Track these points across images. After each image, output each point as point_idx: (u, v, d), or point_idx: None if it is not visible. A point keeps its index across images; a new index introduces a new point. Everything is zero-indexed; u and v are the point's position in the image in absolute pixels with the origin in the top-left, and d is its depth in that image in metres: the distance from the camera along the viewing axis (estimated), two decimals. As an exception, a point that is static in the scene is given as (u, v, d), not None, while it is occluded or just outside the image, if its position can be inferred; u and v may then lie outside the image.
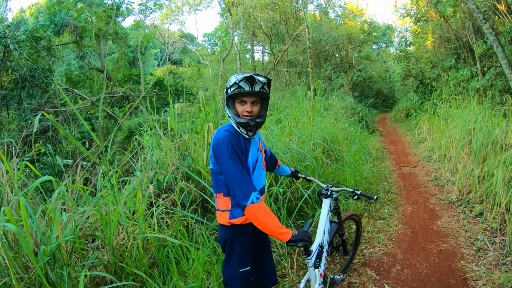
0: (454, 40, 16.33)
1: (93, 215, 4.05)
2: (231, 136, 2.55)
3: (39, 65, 11.86)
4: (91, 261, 3.54)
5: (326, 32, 24.55)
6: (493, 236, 5.04)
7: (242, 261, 2.73)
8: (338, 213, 3.73)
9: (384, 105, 31.81)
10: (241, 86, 2.48)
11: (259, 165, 2.77)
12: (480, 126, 7.40)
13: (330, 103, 13.75)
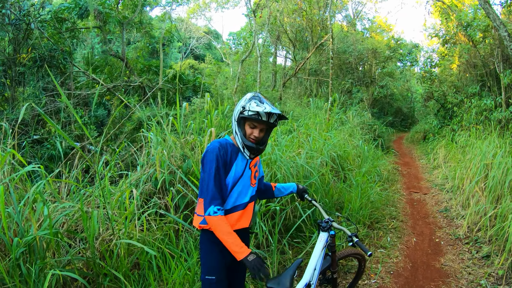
0: (480, 66, 15.90)
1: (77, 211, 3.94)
2: (220, 148, 2.72)
3: (59, 46, 11.84)
4: (68, 258, 3.39)
5: (352, 44, 24.28)
6: (497, 284, 4.73)
7: (208, 268, 2.83)
8: (333, 251, 3.50)
9: (403, 124, 31.45)
10: (260, 115, 2.65)
11: (244, 181, 2.87)
12: (499, 162, 7.07)
13: (347, 117, 13.48)
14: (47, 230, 3.24)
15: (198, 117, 6.12)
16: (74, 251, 3.63)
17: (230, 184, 2.77)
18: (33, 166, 3.88)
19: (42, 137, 9.97)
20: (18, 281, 2.97)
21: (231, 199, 2.80)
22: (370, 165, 9.20)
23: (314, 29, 22.86)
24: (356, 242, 3.02)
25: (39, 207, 3.48)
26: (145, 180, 4.93)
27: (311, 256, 3.19)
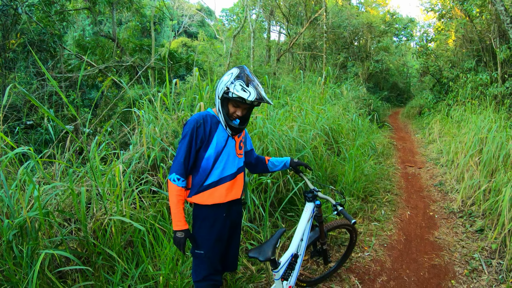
0: (477, 41, 15.76)
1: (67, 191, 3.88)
2: (199, 121, 2.75)
3: (49, 30, 11.63)
4: (60, 238, 3.34)
5: (346, 18, 23.96)
6: (491, 257, 4.72)
7: (197, 242, 2.85)
8: (320, 221, 3.44)
9: (398, 100, 31.43)
10: (244, 99, 2.60)
11: (228, 151, 2.87)
12: (494, 136, 7.02)
13: (341, 91, 13.36)
14: (37, 211, 3.19)
15: (189, 93, 6.01)
16: (66, 231, 3.61)
17: (213, 155, 2.79)
18: (21, 148, 3.79)
19: (35, 123, 9.88)
20: (11, 263, 2.94)
21: (217, 170, 2.81)
22: (364, 139, 9.14)
23: (308, 3, 22.52)
24: (341, 210, 2.99)
25: (30, 188, 3.41)
26: (137, 158, 4.85)
27: (297, 227, 3.20)
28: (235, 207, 3.00)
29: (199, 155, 2.78)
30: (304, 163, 3.45)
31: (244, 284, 3.87)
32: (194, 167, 2.82)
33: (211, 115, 2.85)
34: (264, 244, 2.71)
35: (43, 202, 3.47)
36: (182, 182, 2.69)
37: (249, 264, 4.13)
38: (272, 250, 2.64)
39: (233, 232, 3.05)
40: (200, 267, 2.85)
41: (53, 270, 3.20)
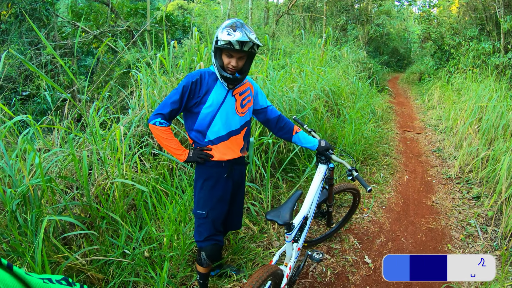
0: (481, 10, 15.52)
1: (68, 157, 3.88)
2: (195, 75, 2.72)
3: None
4: (63, 204, 3.34)
5: (348, -21, 23.57)
6: (486, 224, 4.80)
7: (199, 203, 2.88)
8: (330, 184, 3.45)
9: (398, 65, 31.17)
10: (232, 44, 2.52)
11: (227, 109, 2.81)
12: (494, 105, 7.03)
13: (341, 54, 13.24)
14: (39, 179, 3.18)
15: (188, 55, 5.93)
16: (69, 196, 3.61)
17: (210, 112, 2.75)
18: (20, 117, 3.75)
19: (32, 93, 9.77)
20: (17, 233, 2.94)
21: (214, 128, 2.80)
22: (364, 102, 9.12)
23: (309, -37, 22.08)
24: (356, 176, 2.96)
25: (30, 156, 3.39)
26: (137, 122, 4.82)
27: (309, 189, 3.16)
28: (238, 167, 2.99)
29: (194, 111, 2.76)
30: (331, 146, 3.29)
31: (247, 244, 3.92)
32: (192, 125, 2.82)
33: (210, 72, 2.81)
34: (281, 207, 2.69)
35: (44, 169, 3.47)
36: (167, 125, 2.71)
37: (251, 224, 4.18)
38: (290, 214, 2.62)
39: (236, 192, 3.06)
40: (202, 227, 2.88)
41: (58, 237, 3.23)
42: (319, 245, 4.15)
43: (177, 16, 21.80)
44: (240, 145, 2.92)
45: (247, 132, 3.01)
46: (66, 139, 4.35)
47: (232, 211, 3.11)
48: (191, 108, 2.74)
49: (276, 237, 4.13)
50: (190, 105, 2.73)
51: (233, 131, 2.86)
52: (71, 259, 2.96)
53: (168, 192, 3.96)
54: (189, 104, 2.72)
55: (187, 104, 2.72)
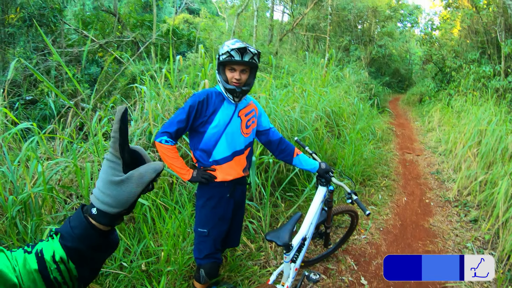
0: (482, 33, 15.67)
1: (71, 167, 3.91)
2: (202, 95, 2.76)
3: (49, 4, 11.46)
4: (63, 213, 3.38)
5: (351, 1, 23.75)
6: (483, 248, 4.81)
7: (201, 221, 2.92)
8: (329, 206, 3.49)
9: (399, 86, 31.33)
10: (232, 55, 2.61)
11: (233, 129, 2.85)
12: (493, 129, 7.08)
13: (343, 74, 13.36)
14: (42, 187, 3.22)
15: (192, 70, 6.00)
16: (69, 206, 3.62)
17: (216, 133, 2.79)
18: (25, 124, 3.80)
19: (35, 98, 9.83)
20: (15, 239, 2.97)
21: (220, 148, 2.83)
22: (364, 123, 9.21)
23: (314, -17, 22.34)
24: (355, 200, 2.97)
25: (33, 164, 3.44)
26: (139, 134, 4.87)
27: (309, 210, 3.20)
28: (240, 186, 3.03)
29: (200, 131, 2.78)
30: (331, 169, 3.31)
31: (244, 261, 3.94)
32: (197, 144, 2.84)
33: (217, 92, 2.86)
34: (281, 228, 2.74)
35: (46, 177, 3.48)
36: (172, 143, 2.72)
37: (249, 242, 4.20)
38: (289, 235, 2.67)
39: (236, 211, 3.10)
40: (203, 245, 2.90)
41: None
42: (315, 265, 4.17)
43: (182, 29, 21.99)
44: (243, 165, 2.97)
45: (250, 152, 3.06)
46: (68, 147, 4.39)
47: (232, 229, 3.14)
48: (197, 127, 2.78)
49: (274, 255, 4.16)
50: (196, 125, 2.76)
51: (238, 151, 2.90)
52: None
53: (167, 207, 3.99)
54: (196, 123, 2.75)
55: (194, 123, 2.74)
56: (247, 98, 3.03)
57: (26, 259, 0.82)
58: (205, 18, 31.27)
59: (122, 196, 0.89)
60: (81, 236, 0.87)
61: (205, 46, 16.11)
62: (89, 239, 0.87)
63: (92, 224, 0.88)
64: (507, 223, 4.58)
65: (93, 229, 0.88)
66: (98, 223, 0.89)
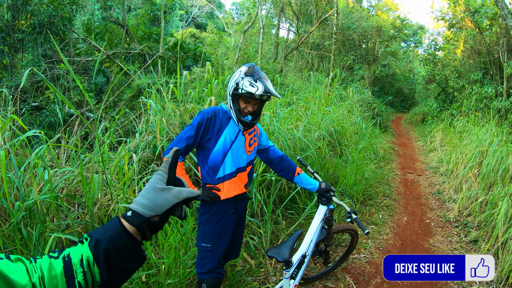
0: (485, 54, 15.84)
1: (76, 176, 3.99)
2: (210, 112, 2.86)
3: (59, 13, 11.62)
4: (67, 222, 3.43)
5: (356, 20, 24.01)
6: (483, 268, 4.83)
7: (204, 236, 2.95)
8: (329, 224, 3.54)
9: (402, 105, 31.44)
10: (254, 95, 2.72)
11: (238, 147, 2.95)
12: (494, 150, 7.13)
13: (347, 93, 13.45)
14: (48, 194, 3.27)
15: (198, 86, 6.09)
16: (73, 215, 3.67)
17: (222, 150, 2.87)
18: (34, 131, 3.87)
19: (41, 105, 9.92)
20: (19, 244, 3.01)
21: (226, 165, 2.91)
22: (367, 143, 9.26)
23: (319, 2, 22.47)
24: (355, 219, 3.02)
25: (40, 172, 3.51)
26: (143, 147, 4.94)
27: (309, 228, 3.26)
28: (242, 201, 3.10)
29: (207, 147, 2.86)
30: (331, 188, 3.38)
31: (244, 277, 3.98)
32: (205, 160, 2.91)
33: (223, 110, 2.94)
34: (282, 244, 2.83)
35: (53, 185, 3.51)
36: (180, 160, 2.76)
37: (249, 258, 4.24)
38: (289, 252, 2.76)
39: (238, 225, 3.16)
40: (206, 260, 2.94)
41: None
42: (315, 283, 4.20)
43: (188, 44, 22.16)
44: (245, 182, 3.04)
45: (251, 170, 3.14)
46: (73, 156, 4.45)
47: (233, 242, 3.19)
48: (204, 144, 2.86)
49: (273, 272, 4.19)
50: (204, 141, 2.84)
51: (241, 168, 2.98)
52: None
53: (170, 220, 4.04)
54: (203, 140, 2.83)
55: (201, 140, 2.83)
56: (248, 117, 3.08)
57: (51, 264, 0.88)
58: (211, 33, 31.51)
59: (159, 201, 1.00)
60: (112, 238, 0.94)
61: (211, 61, 16.25)
62: (118, 240, 0.95)
63: (124, 227, 0.97)
64: (507, 243, 4.61)
65: (124, 231, 0.96)
66: (131, 224, 0.97)
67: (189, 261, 3.70)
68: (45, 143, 3.92)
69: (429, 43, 24.42)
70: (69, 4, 12.59)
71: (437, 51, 21.84)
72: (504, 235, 4.72)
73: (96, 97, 13.56)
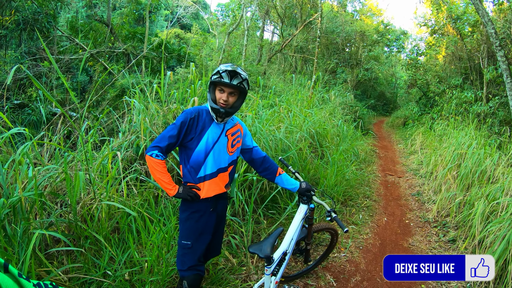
0: (465, 59, 16.16)
1: (60, 174, 3.99)
2: (193, 112, 2.91)
3: (43, 9, 11.51)
4: (51, 219, 3.45)
5: (340, 25, 24.23)
6: (461, 267, 4.93)
7: (185, 233, 2.99)
8: (310, 223, 3.62)
9: (384, 109, 31.75)
10: (222, 76, 2.79)
11: (220, 147, 2.99)
12: (473, 152, 7.29)
13: (329, 96, 13.55)
14: (32, 192, 3.28)
15: (182, 86, 6.11)
16: (57, 213, 3.68)
17: (204, 149, 2.91)
18: (18, 129, 3.86)
19: (24, 102, 9.83)
20: (3, 241, 3.02)
21: (207, 164, 2.95)
22: (348, 145, 9.37)
23: (304, 6, 22.62)
24: (335, 217, 3.12)
25: (24, 169, 3.51)
26: (126, 146, 4.95)
27: (290, 227, 3.33)
28: (222, 201, 3.15)
29: (190, 147, 2.90)
30: (312, 188, 3.48)
31: (226, 275, 4.02)
32: (187, 160, 2.95)
33: (207, 110, 2.97)
34: (263, 241, 2.87)
35: (37, 183, 3.53)
36: (162, 158, 2.79)
37: (231, 257, 4.28)
38: (271, 248, 2.80)
39: (218, 223, 3.20)
40: (186, 257, 2.97)
41: (42, 251, 3.30)
42: (296, 281, 4.26)
43: (173, 44, 22.06)
44: (225, 181, 3.08)
45: (233, 170, 3.19)
46: (56, 155, 4.44)
47: (214, 239, 3.23)
48: (186, 143, 2.89)
49: (255, 270, 4.23)
50: (186, 141, 2.88)
51: (222, 168, 3.02)
52: (53, 274, 3.04)
53: (152, 219, 4.06)
54: (186, 139, 2.87)
55: (184, 139, 2.86)
56: (234, 119, 3.17)
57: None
58: (196, 34, 31.44)
59: None
60: None
61: (194, 63, 16.21)
62: None
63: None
64: (483, 243, 4.72)
65: None
66: None
67: (171, 259, 3.73)
68: (29, 140, 3.91)
69: (412, 48, 24.71)
70: (54, 1, 12.48)
71: (419, 56, 22.13)
72: (481, 233, 4.83)
73: (79, 96, 13.43)
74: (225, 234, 4.56)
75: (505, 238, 4.18)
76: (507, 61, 9.34)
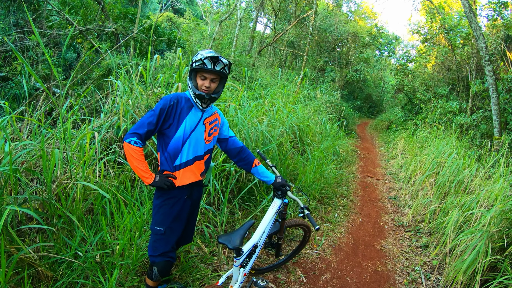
0: (454, 70, 16.33)
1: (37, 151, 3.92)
2: (173, 99, 2.90)
3: None
4: (24, 196, 3.41)
5: (334, 24, 24.26)
6: (430, 272, 4.99)
7: (158, 220, 3.00)
8: (283, 218, 3.63)
9: (370, 111, 31.94)
10: (205, 63, 2.79)
11: (197, 135, 3.00)
12: (452, 161, 7.36)
13: (315, 93, 13.57)
14: (7, 167, 3.23)
15: (168, 71, 6.06)
16: (31, 190, 3.64)
17: (182, 137, 2.92)
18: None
19: (7, 75, 9.65)
20: None
21: (184, 152, 2.97)
22: (329, 143, 9.38)
23: (299, 2, 22.61)
24: (307, 214, 3.15)
25: (0, 144, 3.46)
26: (107, 127, 4.89)
27: (262, 220, 3.35)
28: (197, 188, 3.16)
29: (168, 134, 2.90)
30: (287, 183, 3.50)
31: (197, 263, 4.01)
32: (165, 147, 2.96)
33: (186, 97, 2.98)
34: (233, 232, 2.88)
35: (13, 158, 3.49)
36: (141, 145, 2.79)
37: (203, 246, 4.28)
38: (240, 240, 2.82)
39: (192, 211, 3.22)
40: (158, 243, 2.98)
41: (14, 228, 3.25)
42: (266, 274, 4.27)
43: (164, 28, 21.83)
44: (201, 169, 3.09)
45: (209, 158, 3.19)
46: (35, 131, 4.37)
47: (187, 227, 3.25)
48: (165, 130, 2.88)
49: (226, 261, 4.24)
50: (165, 128, 2.87)
51: (198, 156, 3.03)
52: (24, 252, 2.99)
53: (127, 202, 4.03)
54: (164, 126, 2.86)
55: (162, 126, 2.86)
56: (212, 107, 3.17)
57: None
58: (188, 20, 31.20)
59: None
60: None
61: (184, 48, 16.07)
62: None
63: None
64: (454, 251, 4.77)
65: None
66: None
67: (143, 244, 3.71)
68: (8, 114, 3.84)
69: (402, 54, 24.88)
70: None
71: (409, 62, 22.29)
72: (452, 242, 4.88)
73: (65, 73, 13.22)
74: (199, 223, 4.55)
75: (476, 248, 4.23)
76: (494, 76, 9.45)
